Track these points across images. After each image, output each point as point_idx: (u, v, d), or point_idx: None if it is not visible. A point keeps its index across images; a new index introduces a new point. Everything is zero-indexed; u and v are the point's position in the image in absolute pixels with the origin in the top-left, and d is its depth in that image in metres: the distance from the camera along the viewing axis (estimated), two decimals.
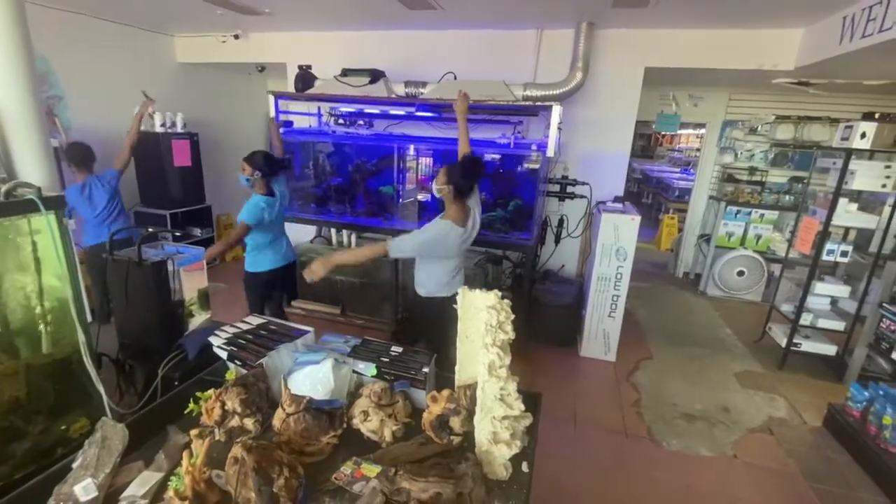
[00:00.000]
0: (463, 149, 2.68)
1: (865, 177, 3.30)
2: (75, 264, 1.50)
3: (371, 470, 1.17)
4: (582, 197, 4.22)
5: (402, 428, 1.35)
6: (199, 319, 2.06)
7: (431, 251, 2.34)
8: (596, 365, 3.73)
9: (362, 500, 1.07)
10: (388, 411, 1.37)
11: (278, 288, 3.25)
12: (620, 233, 3.50)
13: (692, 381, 3.55)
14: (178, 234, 2.27)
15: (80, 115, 4.44)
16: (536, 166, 3.57)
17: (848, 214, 3.45)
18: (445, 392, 1.36)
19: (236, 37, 4.95)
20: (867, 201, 3.65)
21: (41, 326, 1.47)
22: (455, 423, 1.31)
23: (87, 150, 3.42)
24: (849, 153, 3.29)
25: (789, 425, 3.06)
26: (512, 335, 1.30)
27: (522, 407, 1.27)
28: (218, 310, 2.32)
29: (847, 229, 3.70)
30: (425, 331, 2.69)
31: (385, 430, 1.32)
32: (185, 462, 1.05)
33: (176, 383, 1.73)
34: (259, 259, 2.97)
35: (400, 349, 1.61)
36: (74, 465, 1.15)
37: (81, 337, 1.49)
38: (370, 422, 1.34)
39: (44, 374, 1.51)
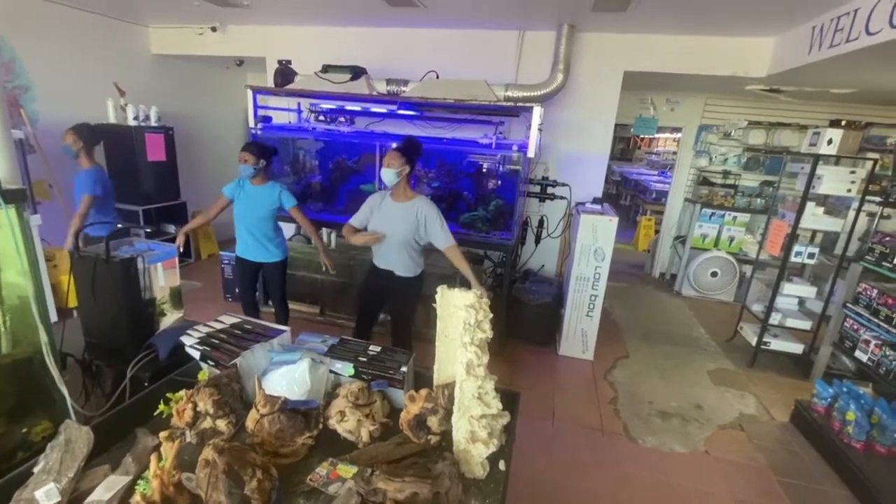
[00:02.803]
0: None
1: (832, 181, 3.43)
2: (37, 261, 1.45)
3: (347, 471, 1.16)
4: (562, 198, 4.27)
5: (379, 428, 1.34)
6: (170, 318, 2.00)
7: None
8: (574, 363, 3.78)
9: (337, 501, 1.05)
10: (366, 411, 1.36)
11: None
12: (599, 233, 3.55)
13: (667, 379, 3.63)
14: (148, 230, 2.20)
15: (49, 108, 4.27)
16: (517, 167, 3.60)
17: (815, 218, 3.58)
18: (423, 391, 1.35)
19: (214, 29, 4.84)
20: (833, 205, 3.80)
21: (1, 325, 1.41)
22: (433, 422, 1.31)
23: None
24: (816, 158, 3.41)
25: (758, 421, 3.16)
26: (490, 334, 1.30)
27: (500, 405, 1.27)
28: (191, 309, 2.26)
29: (814, 232, 3.83)
30: (406, 310, 2.82)
31: (362, 431, 1.31)
32: (153, 465, 1.01)
33: (146, 384, 1.67)
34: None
35: (378, 349, 1.59)
36: (36, 470, 1.10)
37: (44, 336, 1.43)
38: (347, 422, 1.33)
39: (4, 375, 1.44)
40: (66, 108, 4.34)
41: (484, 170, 4.06)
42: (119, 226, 2.69)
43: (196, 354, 1.53)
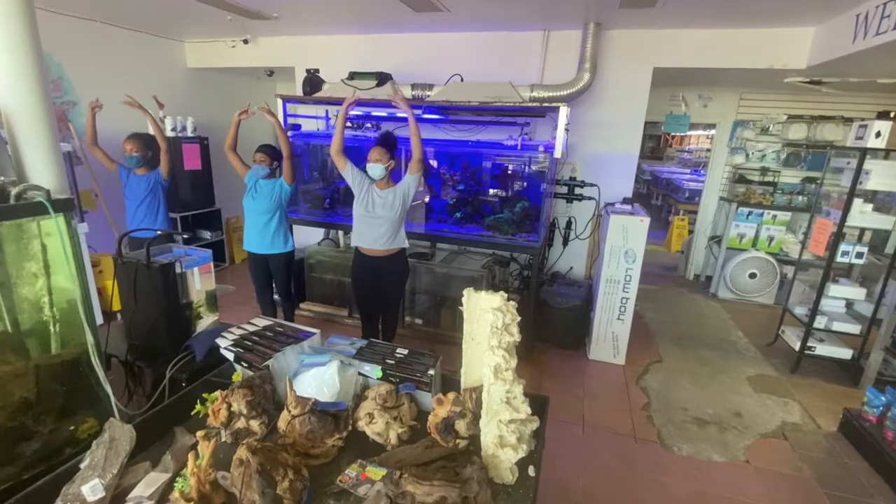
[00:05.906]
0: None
1: (881, 177, 3.23)
2: (84, 266, 1.52)
3: (376, 473, 1.16)
4: (590, 198, 4.19)
5: (407, 431, 1.34)
6: (206, 321, 2.07)
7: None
8: (604, 368, 3.69)
9: (367, 503, 1.06)
10: (394, 414, 1.36)
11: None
12: (629, 234, 3.46)
13: (703, 384, 3.50)
14: (185, 236, 2.29)
15: None
16: (544, 168, 3.56)
17: (863, 215, 3.38)
18: (451, 395, 1.34)
19: (245, 41, 5.01)
20: (883, 202, 3.58)
21: (50, 327, 1.49)
22: (461, 426, 1.30)
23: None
24: (863, 153, 3.23)
25: (803, 430, 3.00)
26: (518, 337, 1.29)
27: (529, 410, 1.25)
28: (225, 311, 2.33)
29: (862, 230, 3.62)
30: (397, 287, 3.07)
31: (390, 433, 1.32)
32: (190, 463, 1.05)
33: (183, 384, 1.73)
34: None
35: (405, 351, 1.60)
36: (82, 466, 1.15)
37: (90, 338, 1.50)
38: (375, 424, 1.33)
39: (53, 374, 1.52)
40: (111, 121, 4.56)
41: (509, 171, 4.03)
42: (160, 232, 2.85)
43: (230, 356, 1.57)
